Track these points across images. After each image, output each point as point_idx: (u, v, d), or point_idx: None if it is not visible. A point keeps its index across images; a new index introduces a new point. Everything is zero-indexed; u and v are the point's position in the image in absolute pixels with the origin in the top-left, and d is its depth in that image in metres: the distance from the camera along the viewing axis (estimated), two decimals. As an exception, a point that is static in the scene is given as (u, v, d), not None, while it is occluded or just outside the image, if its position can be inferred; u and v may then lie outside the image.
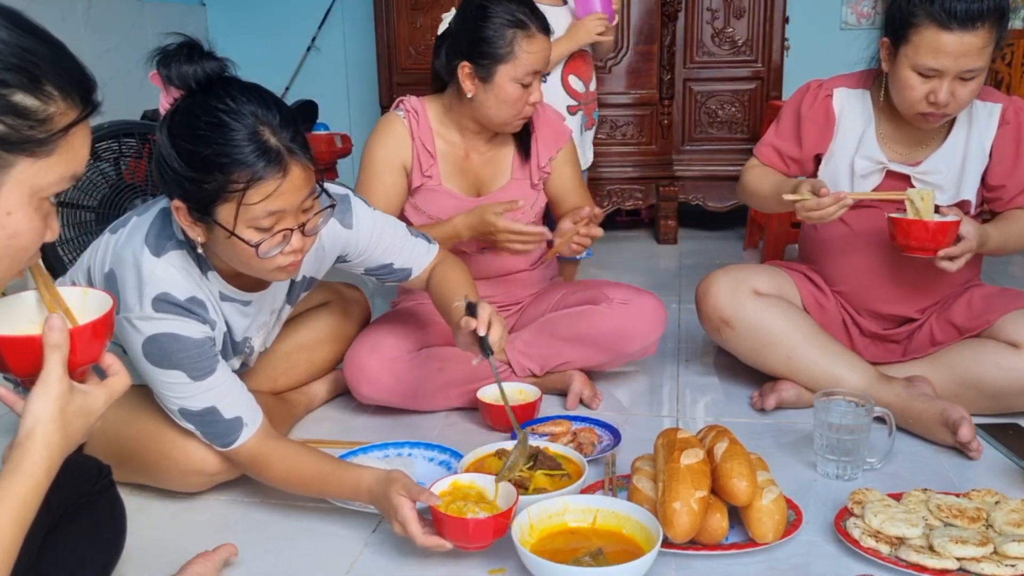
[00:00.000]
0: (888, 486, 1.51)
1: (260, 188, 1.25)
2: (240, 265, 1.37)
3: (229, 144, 1.24)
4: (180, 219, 1.32)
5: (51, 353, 0.90)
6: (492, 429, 1.84)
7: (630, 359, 2.01)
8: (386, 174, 1.94)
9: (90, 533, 1.18)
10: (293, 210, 1.31)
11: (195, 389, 1.39)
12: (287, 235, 1.32)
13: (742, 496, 1.32)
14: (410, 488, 1.31)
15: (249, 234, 1.29)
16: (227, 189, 1.25)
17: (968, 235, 1.69)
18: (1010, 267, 3.16)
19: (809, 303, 1.96)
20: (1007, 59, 3.34)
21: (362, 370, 1.85)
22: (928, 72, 1.68)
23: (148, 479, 1.55)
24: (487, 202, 1.93)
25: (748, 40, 3.55)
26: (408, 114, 1.96)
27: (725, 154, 3.65)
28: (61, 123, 0.87)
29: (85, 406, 0.94)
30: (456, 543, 1.30)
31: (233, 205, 1.26)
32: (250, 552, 1.37)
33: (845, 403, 1.58)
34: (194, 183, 1.26)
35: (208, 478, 1.52)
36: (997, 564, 1.24)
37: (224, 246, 1.33)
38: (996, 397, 1.77)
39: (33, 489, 0.89)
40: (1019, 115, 1.82)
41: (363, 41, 4.23)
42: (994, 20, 1.64)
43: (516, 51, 1.82)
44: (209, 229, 1.32)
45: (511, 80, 1.84)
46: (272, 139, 1.26)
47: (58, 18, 3.27)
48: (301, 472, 1.42)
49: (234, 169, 1.24)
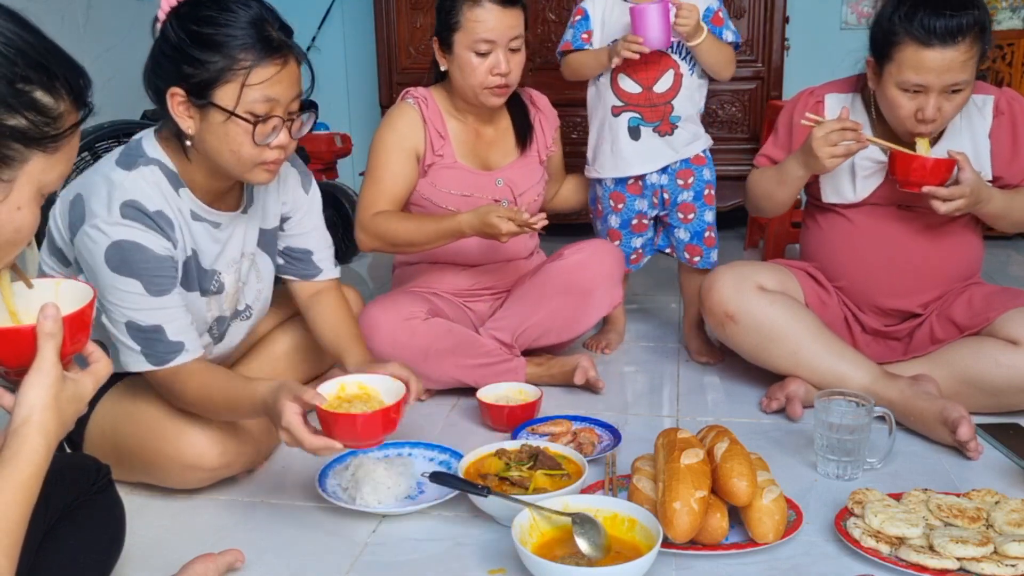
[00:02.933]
0: (888, 486, 1.51)
1: (262, 71, 1.36)
2: (227, 156, 1.41)
3: (237, 26, 1.35)
4: (174, 107, 1.38)
5: (45, 342, 0.91)
6: (492, 429, 1.84)
7: (597, 304, 2.05)
8: (395, 155, 2.00)
9: (90, 533, 1.18)
10: (285, 103, 1.40)
11: (148, 303, 1.40)
12: (277, 126, 1.40)
13: (742, 496, 1.32)
14: (297, 391, 1.33)
15: (246, 117, 1.37)
16: (232, 68, 1.35)
17: (965, 181, 1.71)
18: (1010, 267, 3.16)
19: (812, 300, 1.96)
20: (1007, 59, 3.35)
21: (377, 326, 1.88)
22: (913, 88, 1.71)
23: (147, 477, 1.55)
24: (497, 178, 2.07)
25: (748, 40, 3.55)
26: (417, 100, 2.04)
27: (725, 154, 3.63)
28: (70, 121, 0.91)
29: (76, 393, 0.96)
30: (347, 442, 1.32)
31: (235, 86, 1.35)
32: (250, 552, 1.36)
33: (845, 403, 1.58)
34: (199, 64, 1.35)
35: (206, 474, 1.52)
36: (997, 564, 1.24)
37: (216, 134, 1.39)
38: (996, 395, 1.77)
39: (34, 475, 0.90)
40: (1012, 104, 1.84)
41: (363, 41, 4.22)
42: (975, 34, 1.66)
43: (462, 20, 1.92)
44: (203, 116, 1.38)
45: (465, 48, 1.94)
46: (274, 32, 1.38)
47: (58, 18, 3.27)
48: (211, 391, 1.44)
49: (240, 50, 1.34)
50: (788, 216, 3.03)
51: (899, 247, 1.83)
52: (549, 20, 3.45)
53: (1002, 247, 3.33)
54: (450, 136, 2.06)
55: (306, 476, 1.62)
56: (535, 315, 2.01)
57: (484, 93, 1.98)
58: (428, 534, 1.44)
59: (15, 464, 0.89)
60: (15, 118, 0.85)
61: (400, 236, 1.95)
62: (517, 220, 1.81)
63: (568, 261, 2.02)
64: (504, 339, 2.01)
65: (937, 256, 1.87)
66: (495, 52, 1.94)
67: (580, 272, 2.01)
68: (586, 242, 2.09)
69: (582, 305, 2.03)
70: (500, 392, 1.89)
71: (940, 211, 1.74)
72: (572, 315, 2.03)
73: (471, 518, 1.48)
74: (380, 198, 2.00)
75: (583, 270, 2.02)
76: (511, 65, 1.96)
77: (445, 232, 1.90)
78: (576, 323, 2.06)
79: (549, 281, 2.02)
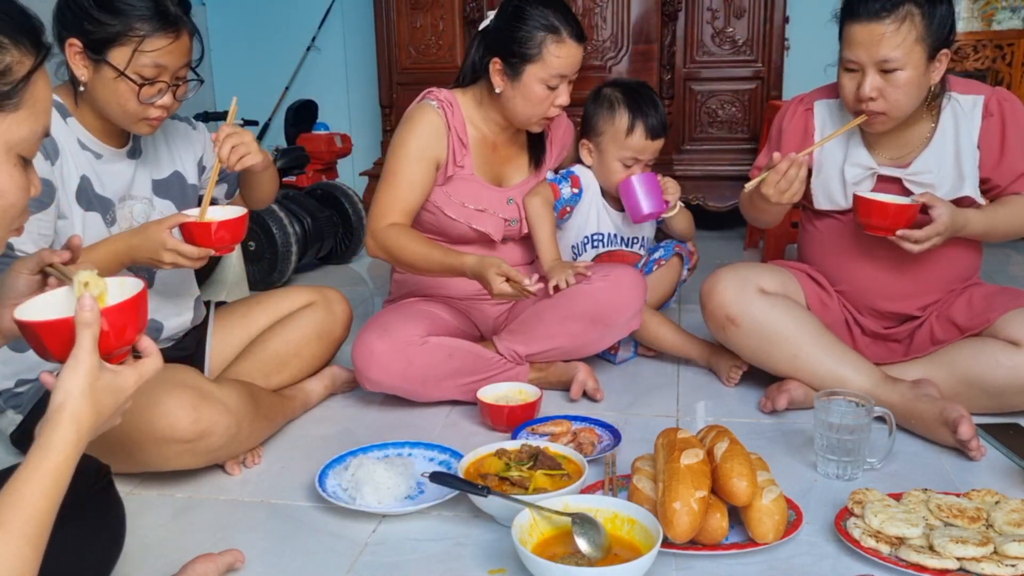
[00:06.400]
0: (888, 486, 1.51)
1: (155, 40, 1.50)
2: (114, 107, 1.54)
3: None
4: (71, 56, 1.51)
5: (82, 331, 0.92)
6: (492, 429, 1.84)
7: (617, 332, 2.02)
8: (416, 165, 1.97)
9: (90, 533, 1.18)
10: (173, 70, 1.54)
11: None
12: (163, 89, 1.54)
13: (742, 496, 1.32)
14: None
15: (134, 78, 1.51)
16: (127, 34, 1.48)
17: (939, 218, 1.71)
18: (1010, 267, 3.16)
19: (813, 302, 1.96)
20: (1007, 59, 3.35)
21: (372, 353, 1.86)
22: (851, 66, 1.75)
23: (131, 460, 1.53)
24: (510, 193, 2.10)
25: (748, 40, 3.55)
26: (442, 104, 2.01)
27: (725, 154, 3.64)
28: (20, 72, 0.87)
29: (115, 383, 0.95)
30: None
31: (128, 50, 1.49)
32: (250, 552, 1.36)
33: (845, 403, 1.58)
34: (98, 24, 1.48)
35: (182, 447, 1.50)
36: (997, 564, 1.24)
37: (106, 87, 1.52)
38: (997, 395, 1.77)
39: (63, 463, 0.90)
40: (1002, 105, 1.83)
41: (363, 41, 4.22)
42: (909, 12, 1.68)
43: (544, 53, 1.91)
44: (97, 70, 1.51)
45: (538, 80, 1.93)
46: (171, 7, 1.52)
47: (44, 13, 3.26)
48: None
49: (138, 19, 1.48)
50: (788, 216, 3.02)
51: (896, 250, 1.82)
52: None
53: (1001, 247, 3.33)
54: (470, 146, 2.04)
55: (306, 476, 1.63)
56: (555, 339, 1.97)
57: (539, 122, 2.01)
58: (428, 534, 1.44)
59: (45, 453, 0.89)
60: None
61: (406, 256, 1.92)
62: (515, 281, 1.79)
63: (594, 287, 1.95)
64: (520, 352, 1.99)
65: (935, 258, 1.86)
66: (561, 85, 1.95)
67: (605, 300, 1.95)
68: (612, 267, 2.03)
69: (603, 331, 1.99)
70: (500, 392, 1.89)
71: (913, 252, 1.74)
72: (590, 340, 2.00)
73: (471, 518, 1.48)
74: (394, 206, 1.96)
75: (609, 299, 1.96)
76: (568, 97, 1.98)
77: (448, 268, 1.88)
78: (592, 346, 2.03)
79: (573, 304, 1.95)
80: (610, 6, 3.45)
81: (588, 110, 2.21)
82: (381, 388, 1.90)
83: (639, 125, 2.12)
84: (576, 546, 1.26)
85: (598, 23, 3.47)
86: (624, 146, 2.14)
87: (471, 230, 2.05)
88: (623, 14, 3.44)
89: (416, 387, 1.90)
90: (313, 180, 3.56)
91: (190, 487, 1.60)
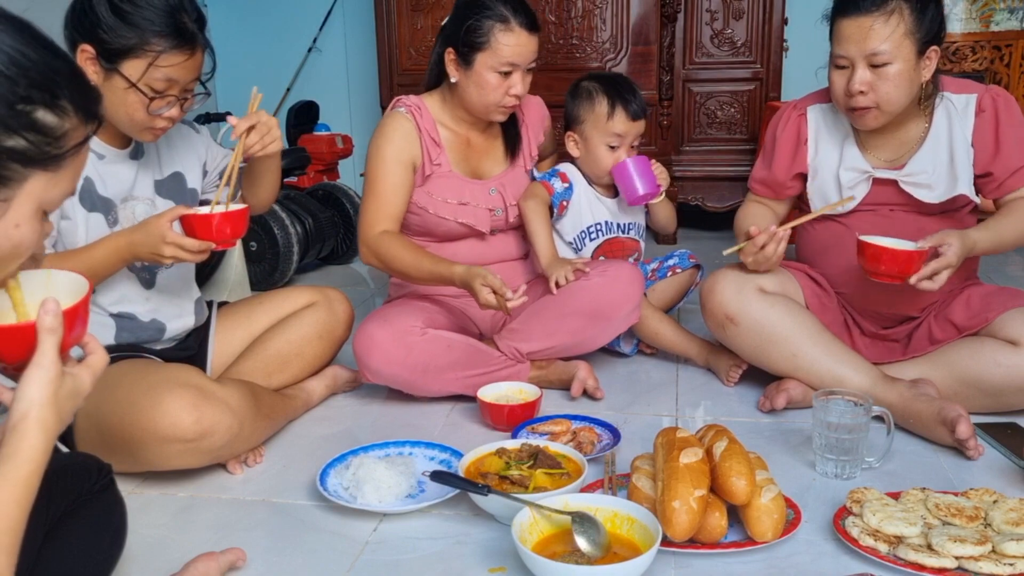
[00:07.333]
0: (887, 485, 1.51)
1: (170, 57, 1.50)
2: (121, 115, 1.55)
3: (155, 11, 1.49)
4: (82, 61, 1.50)
5: (46, 337, 0.90)
6: (492, 429, 1.85)
7: (617, 327, 2.03)
8: (395, 171, 2.01)
9: (90, 533, 1.18)
10: (183, 84, 1.55)
11: None
12: (172, 102, 1.55)
13: (741, 495, 1.33)
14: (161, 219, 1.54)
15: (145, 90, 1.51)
16: (143, 48, 1.48)
17: (947, 250, 1.68)
18: (1008, 267, 3.16)
19: (812, 302, 1.97)
20: (1005, 60, 3.35)
21: (374, 342, 1.88)
22: (841, 62, 1.76)
23: (132, 459, 1.53)
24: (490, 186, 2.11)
25: (747, 41, 3.56)
26: (410, 109, 2.05)
27: (724, 155, 3.65)
28: (75, 139, 0.89)
29: (75, 388, 0.95)
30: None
31: (143, 63, 1.49)
32: (250, 552, 1.37)
33: (844, 402, 1.59)
34: (114, 34, 1.48)
35: (184, 446, 1.50)
36: (995, 563, 1.24)
37: (116, 95, 1.52)
38: (995, 395, 1.78)
39: (33, 472, 0.90)
40: (995, 101, 1.83)
41: (364, 42, 4.23)
42: (899, 6, 1.70)
43: (493, 42, 1.94)
44: (107, 77, 1.51)
45: (488, 68, 1.96)
46: (188, 23, 1.52)
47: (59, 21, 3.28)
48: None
49: (154, 35, 1.48)
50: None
51: None
52: (549, 21, 3.46)
53: (1001, 247, 3.33)
54: (444, 145, 2.08)
55: (307, 475, 1.63)
56: (556, 336, 1.99)
57: (496, 110, 2.03)
58: (429, 533, 1.44)
59: (14, 461, 0.89)
60: (13, 139, 0.83)
61: (397, 264, 1.96)
62: (500, 293, 1.80)
63: (593, 283, 1.98)
64: (522, 350, 2.00)
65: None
66: (515, 74, 1.97)
67: (604, 296, 1.98)
68: (609, 263, 2.06)
69: (602, 326, 2.00)
70: (500, 391, 1.90)
71: (932, 289, 1.70)
72: (590, 335, 2.01)
73: (471, 517, 1.48)
74: (382, 213, 2.00)
75: (608, 294, 1.98)
76: (526, 86, 2.01)
77: (438, 276, 1.91)
78: (593, 342, 2.04)
79: (572, 300, 1.98)
80: (609, 7, 3.45)
81: (568, 104, 2.23)
82: (382, 378, 1.91)
83: (619, 107, 2.14)
84: (576, 545, 1.27)
85: (597, 24, 3.47)
86: (607, 130, 2.15)
87: (458, 225, 2.07)
88: (622, 15, 3.45)
89: (417, 377, 1.90)
90: (314, 181, 3.57)
91: (192, 486, 1.61)
